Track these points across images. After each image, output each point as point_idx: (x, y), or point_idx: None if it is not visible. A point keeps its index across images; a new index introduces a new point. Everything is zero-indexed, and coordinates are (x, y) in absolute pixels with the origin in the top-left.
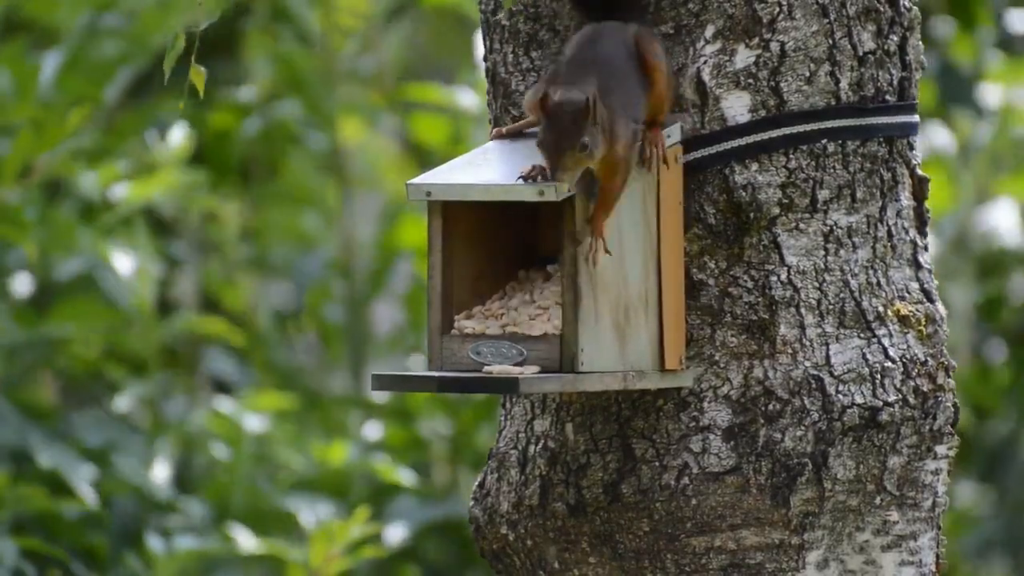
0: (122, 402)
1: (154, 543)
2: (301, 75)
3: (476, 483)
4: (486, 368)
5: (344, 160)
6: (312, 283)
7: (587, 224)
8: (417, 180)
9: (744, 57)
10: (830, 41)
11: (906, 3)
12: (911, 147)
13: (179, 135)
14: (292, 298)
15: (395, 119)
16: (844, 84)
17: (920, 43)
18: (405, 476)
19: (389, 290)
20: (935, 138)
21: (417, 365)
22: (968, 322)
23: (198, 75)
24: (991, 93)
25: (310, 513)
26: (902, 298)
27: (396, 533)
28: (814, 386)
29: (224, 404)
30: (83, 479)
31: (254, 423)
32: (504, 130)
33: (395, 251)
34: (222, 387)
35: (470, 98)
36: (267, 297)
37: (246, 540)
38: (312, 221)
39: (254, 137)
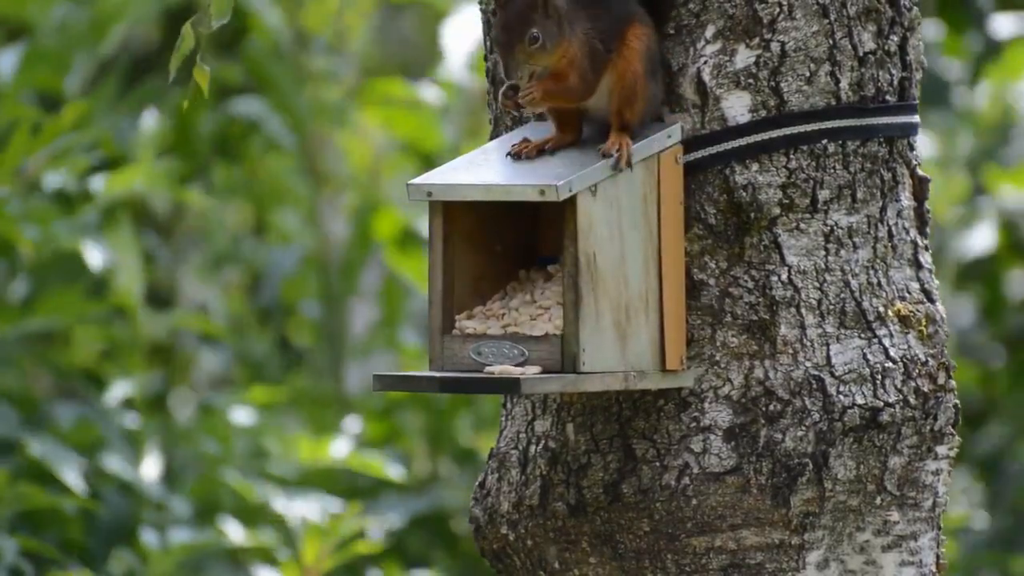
0: (111, 397)
1: (148, 538)
2: (270, 77)
3: (477, 483)
4: (487, 368)
5: (317, 157)
6: (287, 278)
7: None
8: (418, 180)
9: (744, 57)
10: (830, 41)
11: (906, 3)
12: (911, 147)
13: (151, 122)
14: (266, 293)
15: (368, 115)
16: (844, 84)
17: (920, 43)
18: (393, 471)
19: (364, 287)
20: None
21: (380, 367)
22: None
23: (202, 74)
24: (984, 91)
25: (298, 509)
26: (903, 298)
27: (386, 525)
28: (815, 386)
29: (213, 399)
30: (72, 471)
31: (243, 417)
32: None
33: (368, 248)
34: (217, 383)
35: (434, 93)
36: (240, 292)
37: (237, 534)
38: (289, 218)
39: (215, 132)
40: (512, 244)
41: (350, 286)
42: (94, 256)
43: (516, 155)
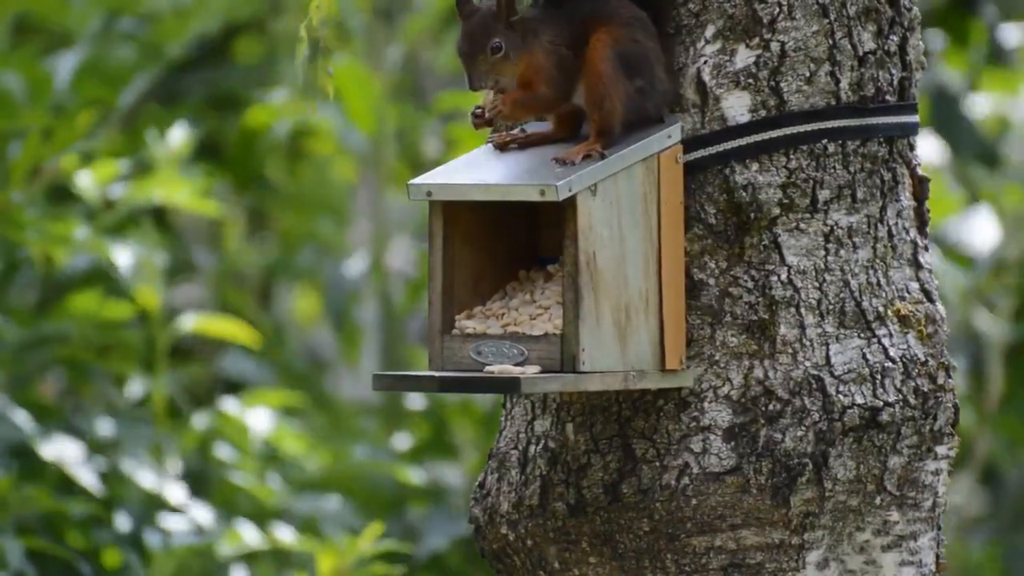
0: (128, 399)
1: (152, 539)
2: (346, 79)
3: (476, 483)
4: (487, 368)
5: (383, 165)
6: (349, 290)
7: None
8: (418, 180)
9: (744, 57)
10: (830, 41)
11: (906, 3)
12: (911, 147)
13: (180, 135)
14: (332, 306)
15: (437, 126)
16: (844, 84)
17: (920, 43)
18: (416, 475)
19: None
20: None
21: None
22: (1000, 356)
23: (326, 76)
24: (981, 105)
25: (323, 514)
26: (902, 298)
27: (420, 549)
28: (814, 386)
29: (232, 404)
30: (88, 472)
31: (261, 421)
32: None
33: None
34: (234, 388)
35: None
36: (289, 300)
37: (250, 536)
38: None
39: (283, 140)
40: (512, 244)
41: (414, 298)
42: (121, 257)
43: (499, 146)
